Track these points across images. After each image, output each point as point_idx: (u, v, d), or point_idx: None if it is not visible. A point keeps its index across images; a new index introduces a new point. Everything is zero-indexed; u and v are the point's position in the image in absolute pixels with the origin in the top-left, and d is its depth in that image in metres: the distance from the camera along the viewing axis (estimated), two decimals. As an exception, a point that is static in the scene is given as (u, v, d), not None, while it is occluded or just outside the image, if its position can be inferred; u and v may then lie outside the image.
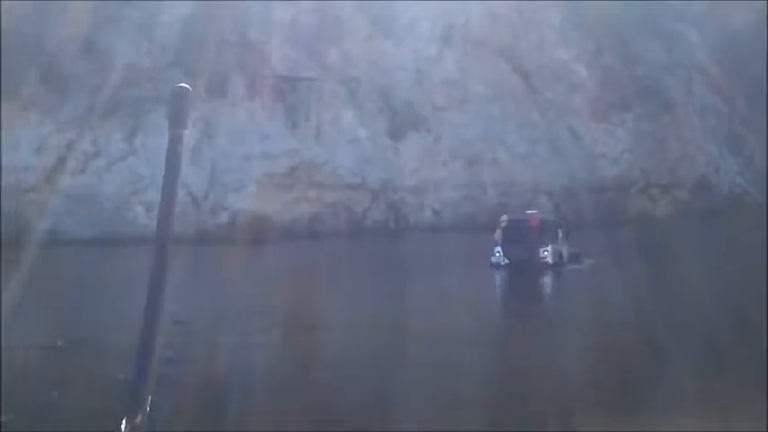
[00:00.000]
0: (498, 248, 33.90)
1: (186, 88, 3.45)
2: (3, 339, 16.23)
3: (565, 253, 34.75)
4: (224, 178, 49.50)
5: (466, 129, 54.28)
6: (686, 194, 58.20)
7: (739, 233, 41.47)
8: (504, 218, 35.23)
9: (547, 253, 33.51)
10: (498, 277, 32.58)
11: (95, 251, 40.25)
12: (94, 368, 14.76)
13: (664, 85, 59.64)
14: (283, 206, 50.02)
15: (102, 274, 32.37)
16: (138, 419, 3.09)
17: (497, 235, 34.19)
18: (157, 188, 3.54)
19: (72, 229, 45.32)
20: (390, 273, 32.39)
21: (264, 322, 20.99)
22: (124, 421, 3.06)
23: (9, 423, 11.33)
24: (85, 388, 13.35)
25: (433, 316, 21.88)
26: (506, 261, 33.43)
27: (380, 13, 54.44)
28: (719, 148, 61.12)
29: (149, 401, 3.19)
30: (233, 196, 49.33)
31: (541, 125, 56.22)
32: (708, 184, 59.32)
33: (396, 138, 53.86)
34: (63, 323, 20.87)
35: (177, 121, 3.41)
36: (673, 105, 59.81)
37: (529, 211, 37.09)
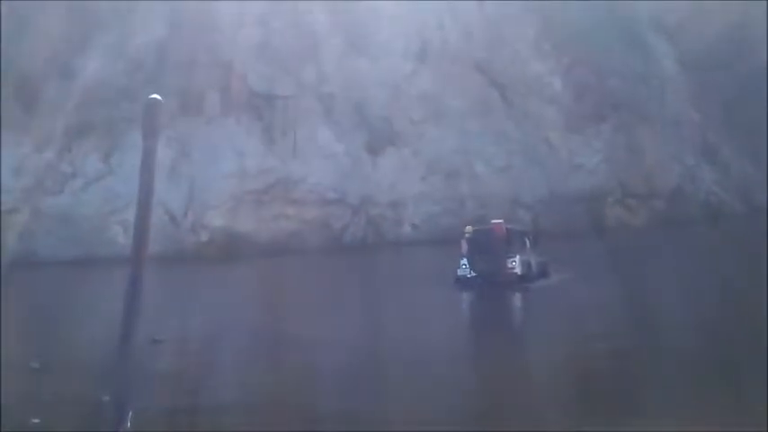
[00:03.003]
0: (464, 261, 32.74)
1: (158, 100, 3.54)
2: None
3: (533, 263, 33.57)
4: (202, 196, 49.44)
5: (443, 143, 54.34)
6: (663, 204, 58.38)
7: (717, 242, 41.69)
8: (469, 229, 33.88)
9: (515, 263, 32.18)
10: (467, 291, 31.88)
11: (74, 271, 40.13)
12: (72, 389, 14.71)
13: (638, 97, 59.90)
14: (262, 223, 49.97)
15: (81, 294, 32.24)
16: (121, 429, 3.19)
17: (463, 247, 33.06)
18: (135, 208, 3.58)
19: (50, 249, 45.22)
20: (370, 289, 32.33)
21: (245, 340, 21.00)
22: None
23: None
24: (65, 410, 13.30)
25: (411, 332, 21.92)
26: (473, 274, 32.28)
27: (355, 30, 54.53)
28: (695, 157, 61.45)
29: (130, 414, 3.27)
30: (211, 214, 49.27)
31: (518, 138, 56.35)
32: (684, 193, 59.54)
33: (373, 153, 53.90)
34: (41, 344, 20.80)
35: (151, 133, 3.50)
36: (647, 116, 60.07)
37: (494, 221, 35.42)
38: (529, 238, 35.31)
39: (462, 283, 32.15)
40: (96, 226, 47.13)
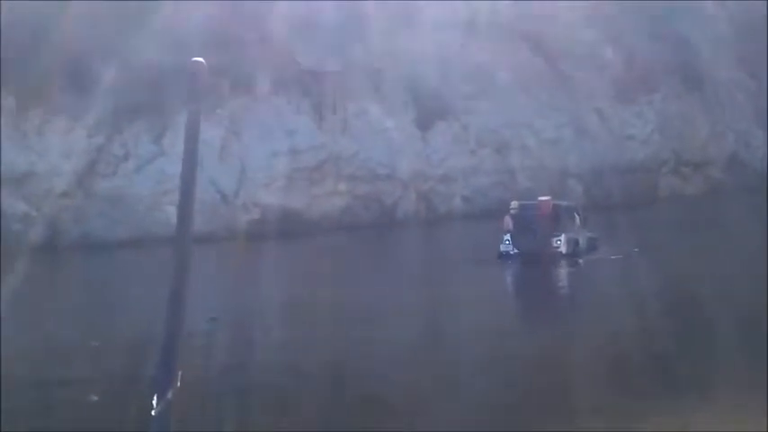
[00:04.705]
0: (508, 237, 32.15)
1: (201, 62, 3.45)
2: (42, 340, 16.35)
3: (582, 241, 33.01)
4: (253, 175, 49.58)
5: (493, 115, 54.12)
6: (718, 172, 57.79)
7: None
8: (515, 204, 33.57)
9: (560, 242, 31.85)
10: (512, 267, 31.42)
11: (127, 252, 40.50)
12: (128, 367, 14.82)
13: (690, 64, 59.20)
14: (314, 200, 50.11)
15: (135, 274, 32.54)
16: (170, 395, 3.12)
17: (506, 222, 32.60)
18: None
19: (104, 231, 45.60)
20: (425, 263, 32.23)
21: (302, 316, 21.04)
22: (155, 397, 3.09)
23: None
24: (121, 387, 13.41)
25: (467, 305, 21.86)
26: (516, 251, 31.72)
27: (403, 3, 54.27)
28: (749, 124, 60.66)
29: (179, 378, 3.20)
30: (263, 193, 49.40)
31: (569, 109, 55.96)
32: (739, 160, 58.91)
33: (423, 127, 53.77)
34: (98, 324, 21.00)
35: (194, 96, 3.41)
36: (700, 83, 59.39)
37: (541, 198, 34.66)
38: (578, 214, 34.58)
39: (505, 258, 31.72)
40: (149, 207, 47.40)
